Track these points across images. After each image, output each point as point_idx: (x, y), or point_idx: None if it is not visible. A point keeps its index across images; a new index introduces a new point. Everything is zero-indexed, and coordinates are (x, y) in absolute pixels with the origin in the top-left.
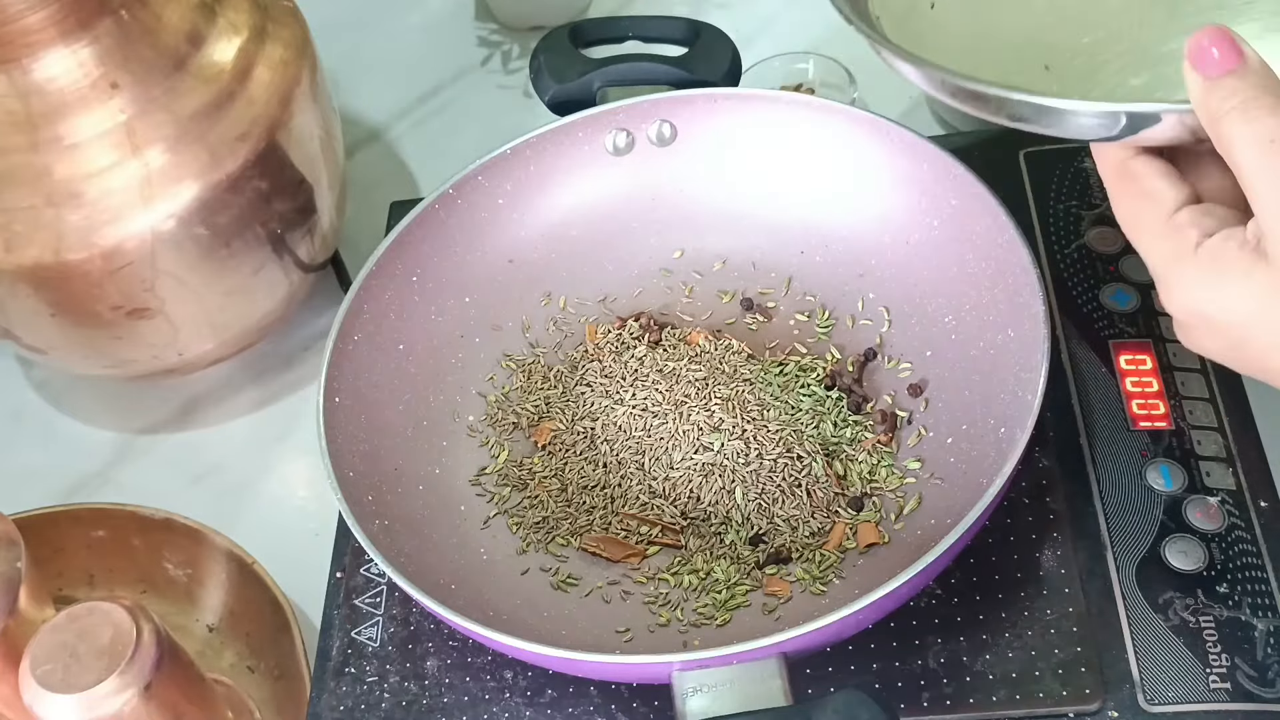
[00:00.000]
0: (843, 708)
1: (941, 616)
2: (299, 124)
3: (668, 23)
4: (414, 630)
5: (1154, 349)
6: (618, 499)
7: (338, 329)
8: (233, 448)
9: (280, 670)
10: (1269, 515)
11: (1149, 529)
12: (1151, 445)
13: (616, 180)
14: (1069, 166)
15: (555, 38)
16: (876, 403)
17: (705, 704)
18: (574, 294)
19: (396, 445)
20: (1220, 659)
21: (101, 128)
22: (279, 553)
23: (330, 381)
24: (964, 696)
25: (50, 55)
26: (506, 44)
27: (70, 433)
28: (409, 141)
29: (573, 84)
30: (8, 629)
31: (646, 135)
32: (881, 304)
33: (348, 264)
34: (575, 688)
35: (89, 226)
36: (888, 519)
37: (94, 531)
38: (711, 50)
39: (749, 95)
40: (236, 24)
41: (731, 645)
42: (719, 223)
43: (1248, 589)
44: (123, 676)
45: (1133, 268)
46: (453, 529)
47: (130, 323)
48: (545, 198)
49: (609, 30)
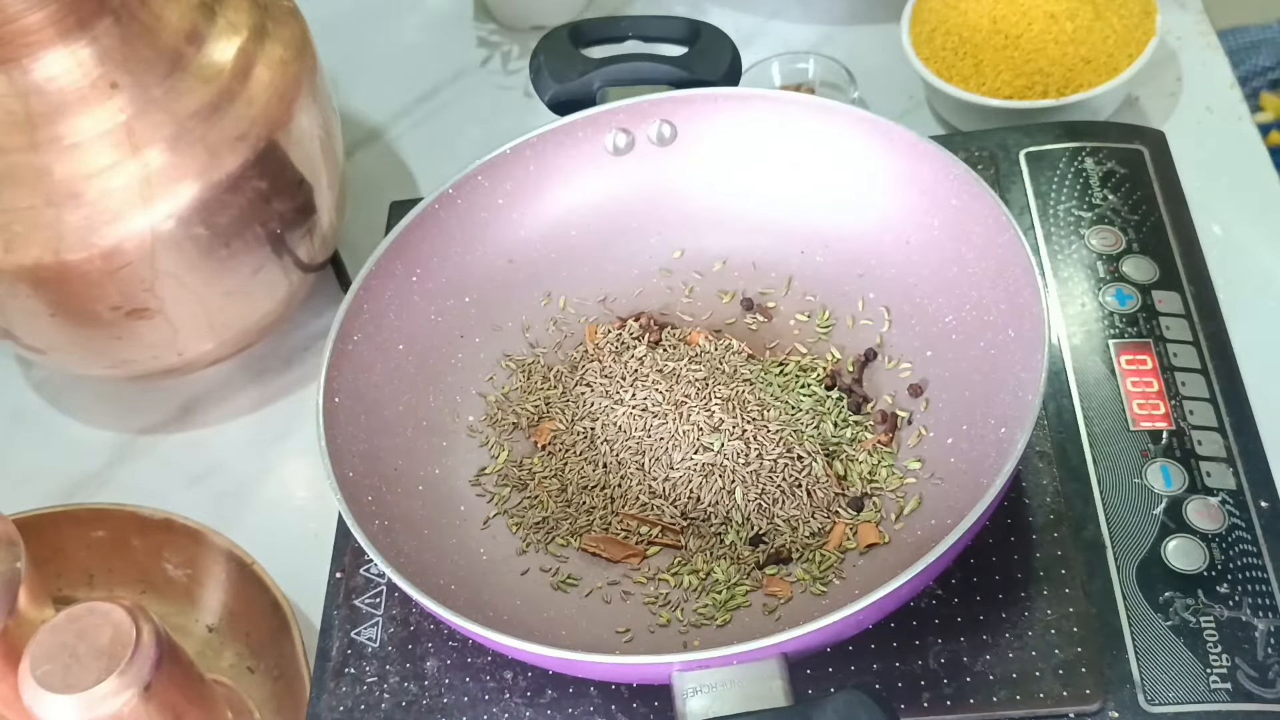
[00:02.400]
0: (843, 708)
1: (941, 616)
2: (299, 124)
3: (668, 22)
4: (414, 630)
5: (1154, 349)
6: (618, 499)
7: (337, 329)
8: (233, 448)
9: (280, 671)
10: (1269, 515)
11: (1149, 529)
12: (1151, 445)
13: (617, 180)
14: (1069, 166)
15: (555, 38)
16: (876, 403)
17: (705, 704)
18: (574, 294)
19: (396, 445)
20: (1221, 659)
21: (101, 128)
22: (279, 553)
23: (330, 381)
24: (964, 697)
25: (50, 55)
26: (506, 44)
27: (70, 433)
28: (409, 141)
29: (573, 84)
30: (7, 629)
31: (646, 135)
32: (882, 304)
33: (347, 264)
34: (575, 688)
35: (89, 226)
36: (888, 519)
37: (94, 532)
38: (711, 50)
39: (749, 95)
40: (236, 24)
41: (731, 645)
42: (719, 222)
43: (1248, 589)
44: (122, 677)
45: (1133, 268)
46: (452, 529)
47: (130, 323)
48: (545, 198)
49: (609, 30)
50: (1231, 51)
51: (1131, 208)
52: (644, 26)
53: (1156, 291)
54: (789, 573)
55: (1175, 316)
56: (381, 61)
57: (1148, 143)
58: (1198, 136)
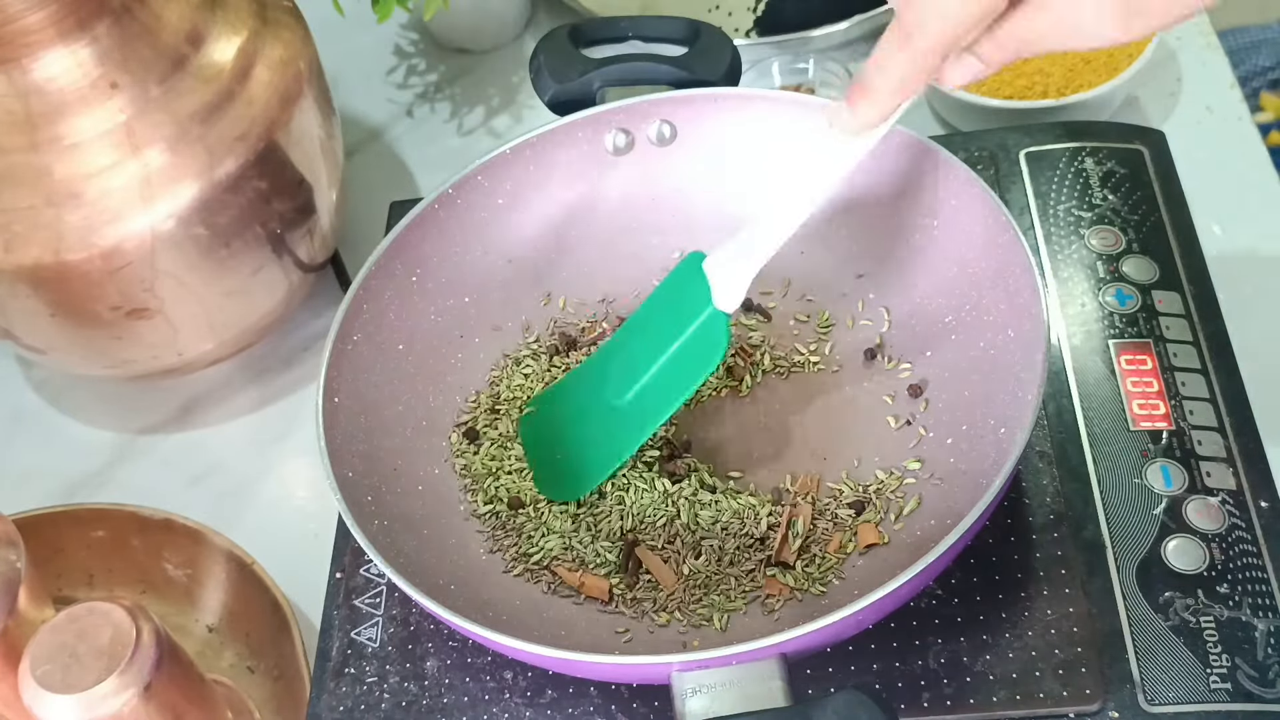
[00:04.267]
0: (842, 708)
1: (941, 617)
2: (299, 124)
3: (667, 23)
4: (414, 630)
5: (1154, 349)
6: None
7: (337, 329)
8: (232, 448)
9: (280, 671)
10: (1269, 515)
11: (1149, 529)
12: (1151, 445)
13: (616, 180)
14: (1069, 166)
15: (555, 38)
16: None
17: (705, 705)
18: (574, 294)
19: (396, 445)
20: (1221, 659)
21: (101, 128)
22: (278, 553)
23: (329, 382)
24: (964, 697)
25: (50, 55)
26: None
27: (70, 433)
28: (409, 141)
29: (572, 84)
30: (7, 629)
31: (646, 135)
32: (881, 304)
33: (347, 264)
34: (575, 688)
35: (88, 226)
36: (888, 519)
37: (94, 532)
38: (711, 50)
39: (749, 95)
40: (236, 24)
41: (731, 646)
42: (719, 223)
43: (1248, 589)
44: (122, 677)
45: (1133, 268)
46: (452, 529)
47: (130, 323)
48: (545, 198)
49: (609, 30)
50: (1231, 51)
51: (1131, 208)
52: (644, 27)
53: (1156, 291)
54: (789, 573)
55: (1175, 316)
56: (382, 61)
57: (1148, 143)
58: (1198, 136)
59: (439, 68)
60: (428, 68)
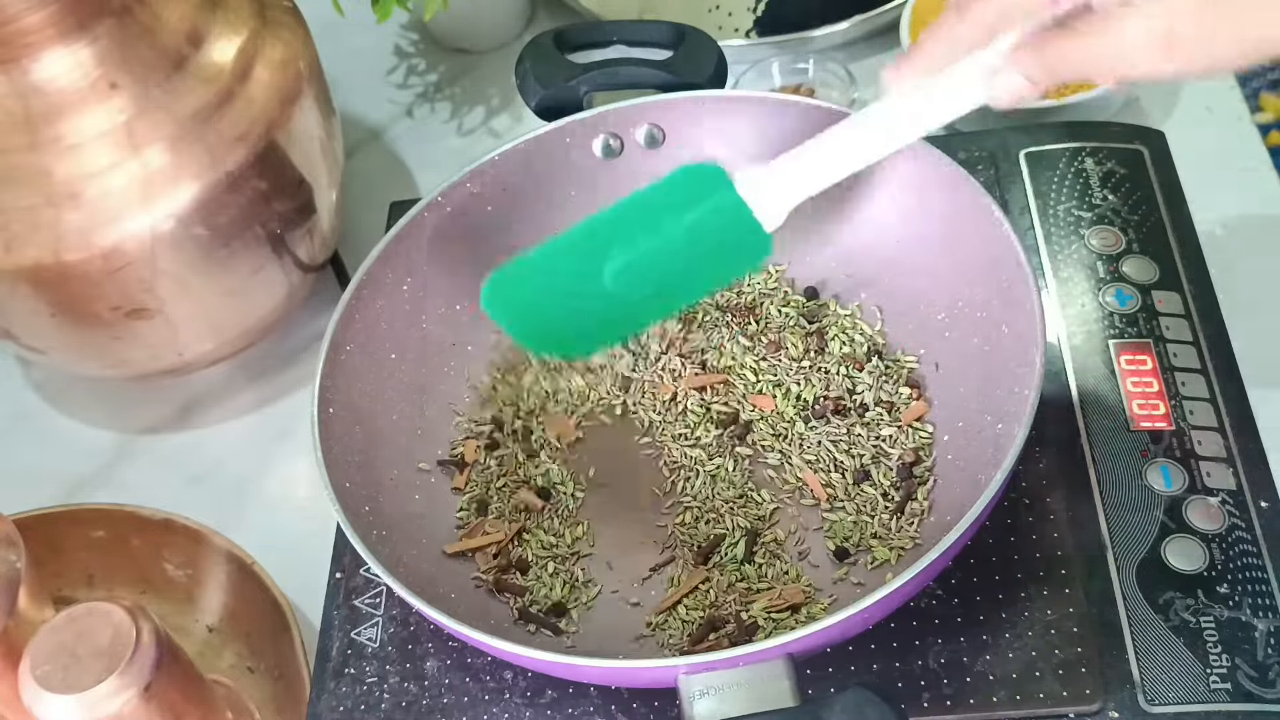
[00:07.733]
0: (851, 706)
1: (942, 616)
2: (298, 124)
3: (652, 27)
4: (414, 631)
5: (1154, 349)
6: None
7: (329, 340)
8: (232, 448)
9: (280, 671)
10: (1269, 515)
11: (1149, 529)
12: (1151, 445)
13: (608, 184)
14: (1069, 166)
15: (540, 44)
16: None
17: (713, 706)
18: None
19: (392, 454)
20: (1221, 659)
21: (101, 128)
22: (278, 553)
23: (324, 393)
24: (964, 697)
25: (50, 55)
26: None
27: (70, 433)
28: (409, 141)
29: (559, 89)
30: (7, 629)
31: (636, 139)
32: (875, 303)
33: (347, 264)
34: (575, 689)
35: (88, 227)
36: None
37: (93, 532)
38: (696, 53)
39: (735, 97)
40: (236, 24)
41: (737, 647)
42: None
43: (1248, 589)
44: (122, 677)
45: (1133, 268)
46: (451, 536)
47: (130, 323)
48: (537, 203)
49: (594, 35)
50: None
51: (1131, 208)
52: (629, 31)
53: (1156, 291)
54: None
55: (1175, 316)
56: (382, 61)
57: (1148, 143)
58: (1198, 136)
59: (439, 68)
60: (427, 68)
